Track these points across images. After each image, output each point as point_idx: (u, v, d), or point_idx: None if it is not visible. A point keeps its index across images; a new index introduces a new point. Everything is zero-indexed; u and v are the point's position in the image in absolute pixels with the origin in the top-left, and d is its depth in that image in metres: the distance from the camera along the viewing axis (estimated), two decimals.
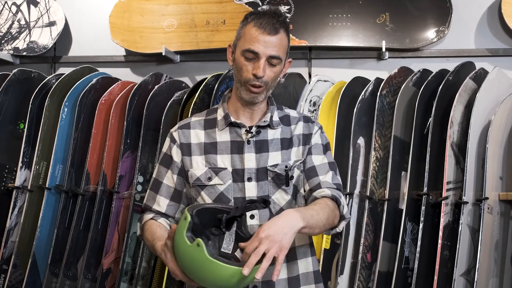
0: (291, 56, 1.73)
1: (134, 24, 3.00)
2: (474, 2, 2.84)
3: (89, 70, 2.91)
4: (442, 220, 2.37)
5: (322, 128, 1.76)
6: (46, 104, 2.71)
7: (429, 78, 2.58)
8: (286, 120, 1.72)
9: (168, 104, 2.67)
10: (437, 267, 2.32)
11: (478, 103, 2.45)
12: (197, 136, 1.70)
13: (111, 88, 2.75)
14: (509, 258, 2.45)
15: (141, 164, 2.66)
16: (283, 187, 1.65)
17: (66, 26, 3.12)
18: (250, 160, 1.64)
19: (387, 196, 2.47)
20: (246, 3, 2.92)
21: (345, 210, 1.63)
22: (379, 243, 2.44)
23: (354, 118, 2.55)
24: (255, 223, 1.62)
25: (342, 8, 2.85)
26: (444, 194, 2.39)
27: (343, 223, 1.64)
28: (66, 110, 2.71)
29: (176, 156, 1.69)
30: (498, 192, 2.44)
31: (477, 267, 2.27)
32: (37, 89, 2.75)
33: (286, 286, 1.64)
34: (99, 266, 2.61)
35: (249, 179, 1.63)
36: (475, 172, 2.44)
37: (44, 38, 3.05)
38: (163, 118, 2.64)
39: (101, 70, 2.97)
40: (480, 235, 2.31)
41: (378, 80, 2.65)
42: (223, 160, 1.65)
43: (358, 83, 2.68)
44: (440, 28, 2.76)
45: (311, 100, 2.67)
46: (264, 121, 1.68)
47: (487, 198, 2.35)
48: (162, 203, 1.70)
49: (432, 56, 2.83)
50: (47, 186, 2.65)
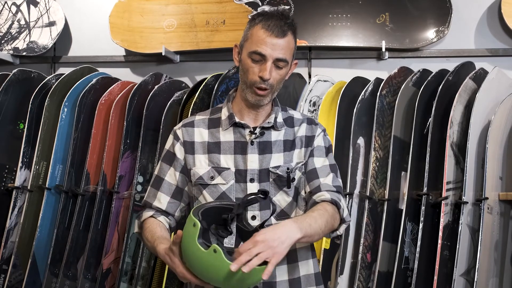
0: None
1: (134, 24, 3.00)
2: (474, 2, 2.84)
3: (89, 70, 2.91)
4: (442, 220, 2.37)
5: (325, 131, 1.75)
6: (46, 104, 2.71)
7: (429, 78, 2.58)
8: (289, 122, 1.72)
9: (168, 104, 2.67)
10: (437, 267, 2.32)
11: (478, 103, 2.45)
12: (200, 134, 1.69)
13: (111, 88, 2.75)
14: (509, 258, 2.45)
15: (141, 164, 2.66)
16: (285, 189, 1.64)
17: (66, 26, 3.12)
18: (253, 161, 1.64)
19: (387, 196, 2.47)
20: (246, 3, 2.92)
21: (345, 213, 1.63)
22: (379, 243, 2.44)
23: (354, 118, 2.55)
24: (256, 223, 1.61)
25: (342, 8, 2.85)
26: (444, 194, 2.39)
27: (343, 226, 1.63)
28: (66, 110, 2.71)
29: (179, 153, 1.69)
30: (498, 192, 2.44)
31: (477, 267, 2.27)
32: (37, 89, 2.75)
33: None
34: (99, 266, 2.61)
35: (251, 180, 1.63)
36: (475, 172, 2.43)
37: (44, 38, 3.05)
38: (163, 118, 2.64)
39: (101, 70, 2.97)
40: (480, 235, 2.31)
41: (378, 80, 2.65)
42: (226, 160, 1.65)
43: (358, 83, 2.68)
44: (440, 28, 2.76)
45: (311, 100, 2.66)
46: (269, 122, 1.67)
47: (487, 198, 2.35)
48: (163, 200, 1.69)
49: (432, 56, 2.83)
50: (47, 186, 2.65)
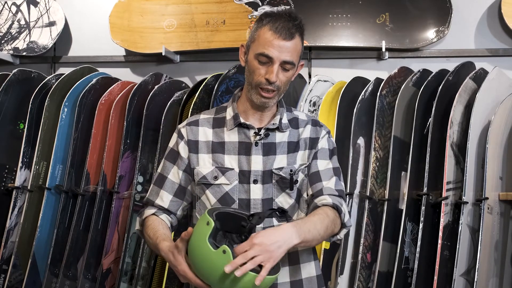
0: None
1: (134, 24, 3.00)
2: (474, 2, 2.84)
3: (89, 70, 2.91)
4: (442, 220, 2.37)
5: (330, 133, 1.74)
6: (46, 104, 2.71)
7: (429, 78, 2.58)
8: (294, 123, 1.71)
9: (168, 104, 2.67)
10: (437, 267, 2.32)
11: (478, 103, 2.45)
12: (205, 134, 1.68)
13: (111, 88, 2.75)
14: (509, 258, 2.45)
15: (141, 164, 2.66)
16: (287, 190, 1.63)
17: (66, 26, 3.12)
18: (257, 162, 1.62)
19: (387, 196, 2.47)
20: (246, 3, 2.92)
21: (346, 218, 1.61)
22: (379, 243, 2.44)
23: (354, 118, 2.55)
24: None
25: (342, 8, 2.85)
26: (444, 194, 2.39)
27: (344, 231, 1.62)
28: (66, 110, 2.71)
29: (183, 152, 1.67)
30: (498, 192, 2.44)
31: (477, 267, 2.27)
32: (37, 89, 2.75)
33: None
34: (99, 266, 2.61)
35: (254, 181, 1.62)
36: (475, 172, 2.43)
37: (44, 38, 3.05)
38: (163, 118, 2.64)
39: (101, 70, 2.97)
40: (480, 235, 2.31)
41: (378, 80, 2.65)
42: (230, 161, 1.64)
43: (358, 83, 2.68)
44: (440, 28, 2.76)
45: (311, 100, 2.66)
46: (274, 123, 1.66)
47: (487, 198, 2.35)
48: (165, 198, 1.67)
49: (432, 56, 2.82)
50: (47, 186, 2.66)
